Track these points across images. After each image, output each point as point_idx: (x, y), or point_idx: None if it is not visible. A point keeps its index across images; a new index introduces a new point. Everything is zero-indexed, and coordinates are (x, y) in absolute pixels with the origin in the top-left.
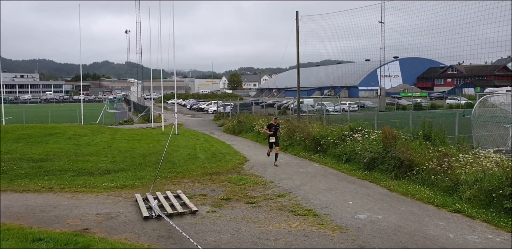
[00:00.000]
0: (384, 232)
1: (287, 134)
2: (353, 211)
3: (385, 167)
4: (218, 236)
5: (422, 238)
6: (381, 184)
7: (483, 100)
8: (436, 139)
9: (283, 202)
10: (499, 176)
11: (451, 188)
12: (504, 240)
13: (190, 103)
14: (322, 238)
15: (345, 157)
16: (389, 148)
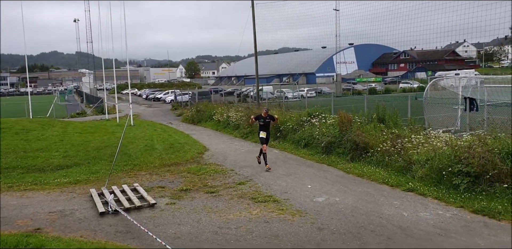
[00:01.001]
0: (342, 214)
1: (247, 121)
2: (312, 194)
3: (341, 150)
4: (178, 228)
5: (378, 218)
6: (338, 167)
7: (434, 84)
8: (390, 121)
9: (244, 189)
10: (449, 155)
11: (404, 168)
12: (453, 215)
13: (146, 93)
14: (282, 223)
15: (304, 142)
16: (345, 132)
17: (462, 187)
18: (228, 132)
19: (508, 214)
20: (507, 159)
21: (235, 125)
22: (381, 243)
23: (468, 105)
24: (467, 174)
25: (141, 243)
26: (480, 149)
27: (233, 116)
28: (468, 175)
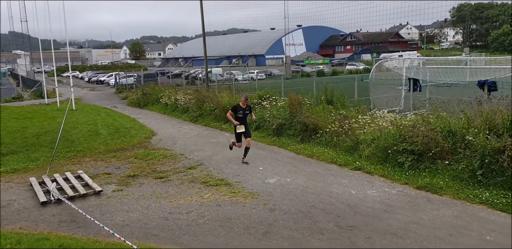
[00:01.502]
0: (293, 194)
1: (196, 104)
2: (263, 176)
3: (292, 132)
4: (127, 215)
5: (328, 197)
6: (289, 148)
7: (378, 65)
8: (338, 102)
9: (195, 174)
10: (394, 134)
11: (352, 148)
12: (398, 191)
13: (88, 76)
14: (235, 206)
15: (255, 124)
16: (295, 114)
17: (407, 165)
18: (177, 115)
19: (449, 189)
20: (448, 137)
21: (184, 108)
22: (331, 221)
23: (412, 85)
24: (411, 152)
25: (87, 232)
26: (424, 128)
27: (182, 99)
28: (412, 153)
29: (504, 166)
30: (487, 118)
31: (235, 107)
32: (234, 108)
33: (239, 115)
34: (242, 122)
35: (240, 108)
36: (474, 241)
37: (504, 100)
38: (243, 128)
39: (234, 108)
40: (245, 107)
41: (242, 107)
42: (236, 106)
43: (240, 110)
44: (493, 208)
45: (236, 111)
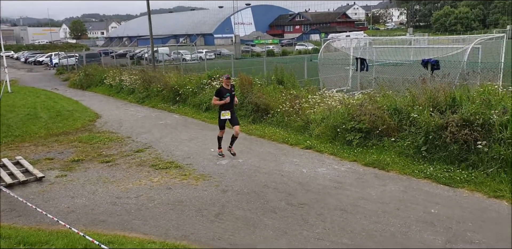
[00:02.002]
0: (245, 174)
1: (143, 85)
2: (215, 158)
3: (243, 112)
4: (72, 201)
5: (280, 176)
6: (240, 130)
7: (327, 46)
8: (288, 82)
9: (143, 157)
10: (342, 113)
11: (303, 127)
12: (347, 168)
13: (24, 56)
14: (186, 188)
15: (205, 105)
16: (246, 94)
17: (355, 142)
18: (122, 97)
19: (395, 165)
20: (394, 114)
21: (130, 89)
22: (283, 199)
23: (359, 65)
24: (359, 130)
25: (28, 221)
26: (371, 107)
27: (127, 80)
28: (360, 131)
29: (447, 141)
30: (430, 96)
31: (220, 91)
32: (219, 92)
33: (225, 99)
34: (227, 106)
35: (225, 90)
36: (419, 214)
37: (446, 79)
38: (228, 114)
39: (218, 92)
40: (230, 88)
41: (227, 89)
42: (220, 90)
43: (226, 92)
44: (437, 182)
45: (222, 95)
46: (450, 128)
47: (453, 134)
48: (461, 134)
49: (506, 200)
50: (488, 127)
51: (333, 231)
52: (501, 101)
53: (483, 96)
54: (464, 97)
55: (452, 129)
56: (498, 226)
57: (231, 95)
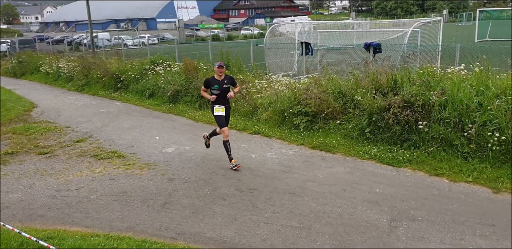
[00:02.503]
0: (193, 162)
1: (82, 72)
2: (160, 146)
3: (189, 98)
4: (6, 196)
5: (228, 162)
6: (186, 116)
7: (272, 30)
8: (234, 67)
9: (83, 147)
10: (289, 97)
11: (250, 112)
12: (295, 152)
13: None
14: (130, 178)
15: (149, 92)
16: (191, 79)
17: (302, 126)
18: (60, 84)
19: (341, 147)
20: (339, 97)
21: (68, 76)
22: (232, 186)
23: (304, 49)
24: (306, 113)
25: None
26: (316, 90)
27: (65, 67)
28: (306, 115)
29: (389, 122)
30: (373, 79)
31: (208, 82)
32: (207, 83)
33: (215, 91)
34: (220, 100)
35: (214, 81)
36: (365, 194)
37: (388, 61)
38: (223, 109)
39: (206, 82)
40: (223, 80)
41: (217, 80)
42: (208, 80)
43: (215, 84)
44: (381, 162)
45: (209, 86)
46: (392, 109)
47: (395, 115)
48: (402, 115)
49: (445, 177)
50: (428, 107)
51: (282, 214)
52: (439, 83)
53: (422, 78)
54: (405, 79)
55: (394, 110)
56: (439, 202)
57: (223, 88)
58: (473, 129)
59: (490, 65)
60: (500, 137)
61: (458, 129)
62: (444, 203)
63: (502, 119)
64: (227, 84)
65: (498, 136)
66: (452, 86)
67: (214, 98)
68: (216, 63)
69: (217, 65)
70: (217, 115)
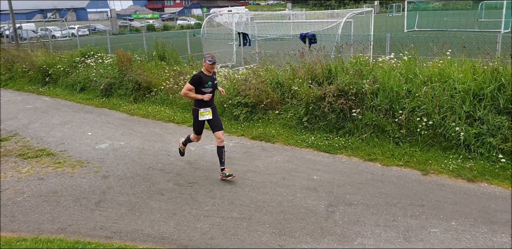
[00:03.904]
0: (128, 158)
1: (4, 65)
2: (93, 142)
3: (123, 91)
4: None
5: (166, 156)
6: (121, 110)
7: (209, 20)
8: (171, 58)
9: (8, 146)
10: (228, 88)
11: (189, 104)
12: (236, 143)
13: None
14: (61, 177)
15: (80, 85)
16: (125, 72)
17: (242, 117)
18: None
19: (280, 136)
20: (277, 88)
21: None
22: (171, 180)
23: (241, 40)
24: (245, 104)
25: None
26: (255, 81)
27: None
28: (246, 106)
29: (325, 111)
30: (309, 69)
31: (200, 78)
32: (199, 80)
33: (207, 89)
34: (209, 103)
35: (206, 78)
36: (303, 181)
37: (322, 52)
38: (209, 112)
39: (197, 79)
40: (212, 76)
41: (208, 77)
42: (199, 77)
43: (207, 81)
44: (318, 150)
45: (200, 84)
46: (328, 98)
47: (331, 104)
48: (337, 103)
49: (379, 162)
50: (361, 95)
51: (223, 206)
52: (371, 72)
53: (355, 67)
54: (339, 69)
55: (330, 99)
56: (373, 186)
57: (214, 86)
58: (403, 115)
59: (417, 54)
60: (427, 122)
61: (389, 115)
62: (378, 186)
63: (429, 105)
64: (215, 81)
65: (426, 121)
66: (383, 74)
67: (209, 97)
68: (207, 58)
69: (209, 61)
70: (202, 120)
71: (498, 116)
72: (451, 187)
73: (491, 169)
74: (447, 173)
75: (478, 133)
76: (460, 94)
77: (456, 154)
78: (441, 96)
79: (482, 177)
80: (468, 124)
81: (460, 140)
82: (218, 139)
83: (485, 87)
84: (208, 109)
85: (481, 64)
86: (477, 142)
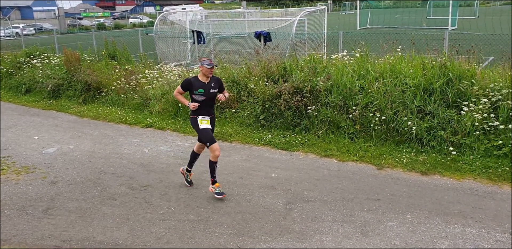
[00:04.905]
0: (78, 162)
1: None
2: (40, 146)
3: (72, 92)
4: None
5: (119, 159)
6: (69, 112)
7: (162, 18)
8: (122, 58)
9: None
10: None
11: (142, 105)
12: (191, 143)
13: None
14: (4, 185)
15: (25, 87)
16: (74, 72)
17: None
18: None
19: (237, 135)
20: (233, 86)
21: None
22: (124, 184)
23: (196, 38)
24: None
25: None
26: None
27: None
28: None
29: (281, 109)
30: (264, 67)
31: (189, 82)
32: (187, 83)
33: (198, 96)
34: (205, 109)
35: (198, 83)
36: (261, 180)
37: (277, 50)
38: (208, 121)
39: (186, 83)
40: (209, 83)
41: (202, 83)
42: (190, 81)
43: (199, 87)
44: (275, 147)
45: (190, 88)
46: (283, 96)
47: (286, 101)
48: (293, 100)
49: (335, 157)
50: (315, 92)
51: (179, 209)
52: (325, 69)
53: (309, 65)
54: (293, 66)
55: (285, 97)
56: (330, 182)
57: (209, 93)
58: (356, 111)
59: (369, 51)
60: (380, 117)
61: (343, 112)
62: (335, 182)
63: (381, 100)
64: (215, 89)
65: (379, 116)
66: (337, 71)
67: (195, 107)
68: (205, 62)
69: (207, 64)
70: (203, 128)
71: (447, 110)
72: (406, 180)
73: (443, 162)
74: (401, 167)
75: (429, 127)
76: (411, 89)
77: (409, 148)
78: (393, 91)
79: (434, 170)
80: (420, 118)
81: (413, 134)
82: (212, 151)
83: (434, 82)
84: (207, 118)
85: (430, 60)
86: (428, 136)
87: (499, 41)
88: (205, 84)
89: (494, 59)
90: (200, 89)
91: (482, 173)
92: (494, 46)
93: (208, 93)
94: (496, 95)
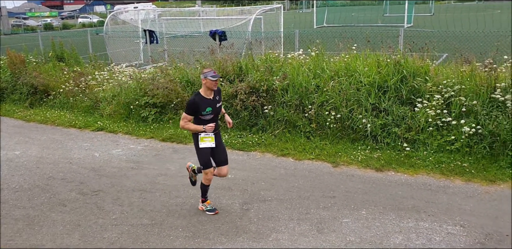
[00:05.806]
0: (25, 168)
1: None
2: None
3: (17, 96)
4: None
5: (68, 164)
6: (15, 116)
7: (113, 18)
8: (70, 59)
9: None
10: (134, 88)
11: (92, 107)
12: (145, 146)
13: None
14: None
15: None
16: (18, 74)
17: (151, 119)
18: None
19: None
20: (187, 87)
21: None
22: (74, 189)
23: (148, 38)
24: (154, 105)
25: None
26: (163, 80)
27: None
28: (155, 106)
29: (238, 109)
30: (219, 67)
31: (196, 105)
32: (195, 107)
33: (207, 116)
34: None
35: (205, 102)
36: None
37: (233, 49)
38: (212, 139)
39: (193, 106)
40: (214, 97)
41: (208, 100)
42: (196, 102)
43: (206, 106)
44: (232, 148)
45: (197, 110)
46: (240, 95)
47: (243, 101)
48: (249, 100)
49: (291, 156)
50: (272, 92)
51: (132, 213)
52: (281, 68)
53: (265, 64)
54: (249, 66)
55: (241, 97)
56: (286, 181)
57: (216, 110)
58: (312, 110)
59: (325, 50)
60: (336, 115)
61: (300, 111)
62: (291, 181)
63: (337, 99)
64: (219, 102)
65: (334, 115)
66: (293, 70)
67: (212, 128)
68: (209, 74)
69: (211, 76)
70: (203, 148)
71: (401, 107)
72: (361, 177)
73: (397, 158)
74: (356, 164)
75: (384, 124)
76: (365, 87)
77: (364, 145)
78: (348, 90)
79: (389, 166)
80: (374, 116)
81: (367, 131)
82: (220, 176)
83: (389, 80)
84: (210, 135)
85: (385, 57)
86: (383, 133)
87: (453, 38)
88: (210, 101)
89: (448, 56)
90: (208, 108)
91: (435, 168)
92: (448, 43)
93: (215, 109)
94: (449, 92)
